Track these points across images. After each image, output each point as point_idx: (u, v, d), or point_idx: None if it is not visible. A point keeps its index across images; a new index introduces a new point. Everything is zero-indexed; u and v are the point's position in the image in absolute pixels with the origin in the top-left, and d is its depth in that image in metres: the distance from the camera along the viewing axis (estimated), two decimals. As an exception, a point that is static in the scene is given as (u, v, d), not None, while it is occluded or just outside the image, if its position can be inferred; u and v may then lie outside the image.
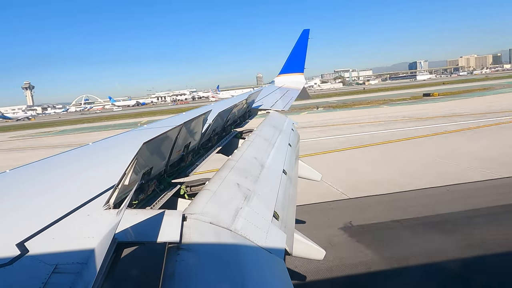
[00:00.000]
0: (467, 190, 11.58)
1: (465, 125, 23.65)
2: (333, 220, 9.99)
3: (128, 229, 1.87)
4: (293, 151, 5.04)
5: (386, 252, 8.01)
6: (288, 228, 2.75)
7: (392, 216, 9.91)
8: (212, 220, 2.15)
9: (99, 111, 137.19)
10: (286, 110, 8.21)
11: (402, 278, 7.06)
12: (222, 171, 3.11)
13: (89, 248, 1.67)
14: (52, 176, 3.09)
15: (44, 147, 33.86)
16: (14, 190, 2.68)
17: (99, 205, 2.15)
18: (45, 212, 2.10)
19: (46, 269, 1.53)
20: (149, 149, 2.33)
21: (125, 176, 2.11)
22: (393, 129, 24.74)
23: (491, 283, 6.77)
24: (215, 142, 4.74)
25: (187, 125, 3.02)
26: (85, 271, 1.52)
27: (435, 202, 10.75)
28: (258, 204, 2.71)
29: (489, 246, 7.83)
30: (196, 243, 1.86)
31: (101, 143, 4.38)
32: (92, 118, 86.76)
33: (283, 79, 13.22)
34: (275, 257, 2.18)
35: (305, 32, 13.15)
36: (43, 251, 1.66)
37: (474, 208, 9.95)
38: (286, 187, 3.48)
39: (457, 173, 13.35)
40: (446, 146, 18.38)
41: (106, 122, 64.91)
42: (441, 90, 65.03)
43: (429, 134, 21.82)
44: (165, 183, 3.01)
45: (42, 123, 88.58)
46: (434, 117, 28.90)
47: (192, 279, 1.61)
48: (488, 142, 18.28)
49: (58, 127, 62.72)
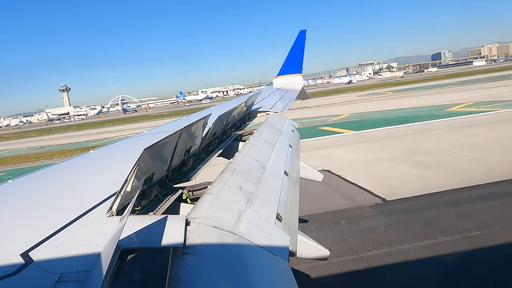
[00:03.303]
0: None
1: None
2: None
3: (131, 235, 1.87)
4: (294, 152, 5.04)
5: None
6: (291, 229, 2.74)
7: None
8: (216, 224, 2.15)
9: (189, 103, 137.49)
10: (285, 111, 8.22)
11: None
12: (223, 174, 3.11)
13: (93, 255, 1.67)
14: (54, 185, 3.09)
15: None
16: (17, 199, 2.69)
17: (102, 212, 2.15)
18: (49, 221, 2.10)
19: (51, 278, 1.53)
20: (150, 155, 2.34)
21: (127, 182, 2.11)
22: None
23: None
24: (216, 146, 4.74)
25: (187, 130, 3.02)
26: (90, 279, 1.52)
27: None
28: (261, 207, 2.71)
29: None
30: (200, 247, 1.86)
31: (102, 150, 4.38)
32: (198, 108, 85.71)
33: (281, 80, 13.24)
34: (279, 259, 2.18)
35: (302, 33, 13.17)
36: (48, 260, 1.66)
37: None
38: (288, 188, 3.48)
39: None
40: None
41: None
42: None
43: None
44: (167, 188, 3.01)
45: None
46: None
47: (198, 282, 1.61)
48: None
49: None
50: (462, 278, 6.64)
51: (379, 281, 7.00)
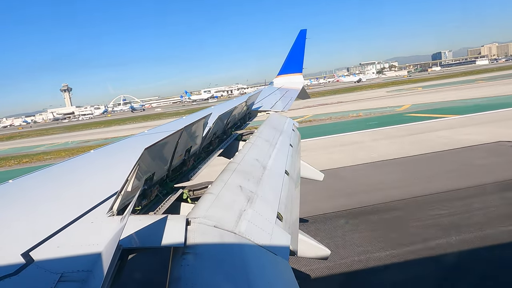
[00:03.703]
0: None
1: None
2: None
3: (132, 235, 1.87)
4: (294, 152, 5.04)
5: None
6: (292, 229, 2.74)
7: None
8: (216, 224, 2.15)
9: (196, 102, 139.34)
10: (286, 110, 8.21)
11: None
12: (224, 174, 3.11)
13: (94, 255, 1.67)
14: (54, 184, 3.09)
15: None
16: (18, 199, 2.69)
17: (102, 212, 2.15)
18: (49, 221, 2.10)
19: (51, 278, 1.53)
20: (150, 155, 2.33)
21: (127, 182, 2.11)
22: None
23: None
24: (216, 145, 4.74)
25: (187, 129, 3.02)
26: (91, 278, 1.52)
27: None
28: (261, 206, 2.71)
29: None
30: (200, 246, 1.86)
31: (103, 150, 4.38)
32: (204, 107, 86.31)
33: (282, 80, 13.23)
34: (280, 259, 2.18)
35: (302, 32, 13.15)
36: (48, 260, 1.66)
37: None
38: (288, 187, 3.47)
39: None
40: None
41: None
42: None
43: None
44: (167, 188, 3.01)
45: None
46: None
47: (198, 282, 1.61)
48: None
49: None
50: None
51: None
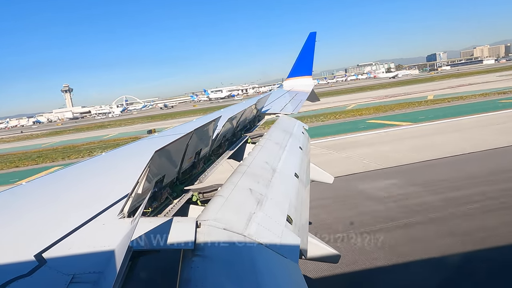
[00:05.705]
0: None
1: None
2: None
3: (142, 237, 1.88)
4: (304, 154, 5.01)
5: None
6: (301, 232, 2.73)
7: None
8: (226, 226, 2.15)
9: (215, 100, 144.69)
10: (295, 113, 8.18)
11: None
12: (234, 176, 3.11)
13: (105, 257, 1.68)
14: (66, 187, 3.13)
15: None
16: (31, 201, 2.73)
17: (113, 214, 2.17)
18: (61, 222, 2.13)
19: (63, 279, 1.55)
20: (161, 157, 2.35)
21: (138, 184, 2.12)
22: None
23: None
24: (226, 148, 4.74)
25: (197, 132, 3.03)
26: (102, 280, 1.54)
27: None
28: (271, 209, 2.70)
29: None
30: (210, 249, 1.86)
31: (114, 153, 4.43)
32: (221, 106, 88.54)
33: (291, 83, 13.20)
34: (289, 261, 2.17)
35: (312, 35, 13.11)
36: (60, 261, 1.68)
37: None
38: (298, 190, 3.46)
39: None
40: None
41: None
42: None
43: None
44: (177, 191, 3.02)
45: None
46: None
47: (208, 284, 1.61)
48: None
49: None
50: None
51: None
